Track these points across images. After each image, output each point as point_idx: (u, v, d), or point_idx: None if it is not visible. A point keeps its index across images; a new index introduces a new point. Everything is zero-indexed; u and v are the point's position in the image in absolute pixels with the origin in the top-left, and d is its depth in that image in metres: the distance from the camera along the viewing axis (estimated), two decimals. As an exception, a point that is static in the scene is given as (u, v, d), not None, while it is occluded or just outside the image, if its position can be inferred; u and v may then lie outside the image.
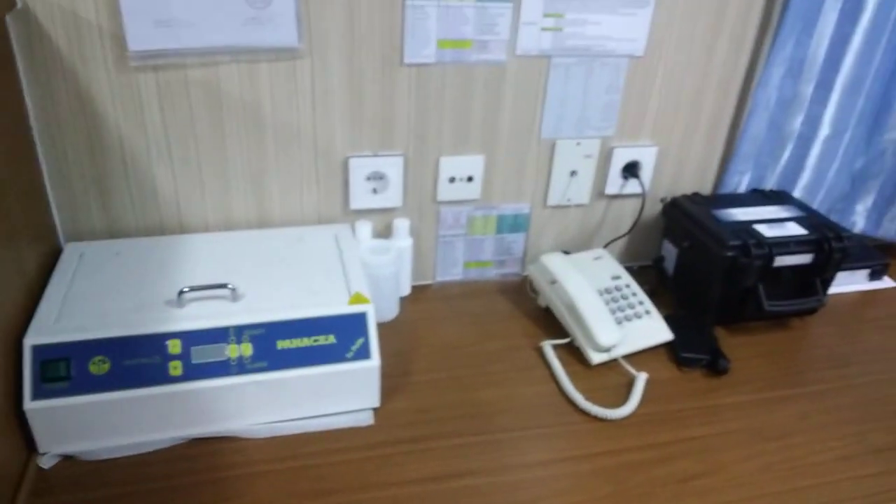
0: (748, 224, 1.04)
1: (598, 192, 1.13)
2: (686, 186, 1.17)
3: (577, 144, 1.07)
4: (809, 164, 1.17)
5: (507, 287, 1.14)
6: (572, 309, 0.99)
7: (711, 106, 1.10)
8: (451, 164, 1.03)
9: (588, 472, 0.80)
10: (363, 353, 0.83)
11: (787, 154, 1.16)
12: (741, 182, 1.17)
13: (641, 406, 0.91)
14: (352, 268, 0.92)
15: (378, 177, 1.01)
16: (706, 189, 1.19)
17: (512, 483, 0.78)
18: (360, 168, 1.00)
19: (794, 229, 1.04)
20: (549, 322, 1.04)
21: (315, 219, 1.02)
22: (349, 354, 0.82)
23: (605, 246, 1.15)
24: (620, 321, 1.01)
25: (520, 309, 1.09)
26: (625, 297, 1.04)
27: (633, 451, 0.84)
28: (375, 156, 1.00)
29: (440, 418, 0.87)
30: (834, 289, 1.20)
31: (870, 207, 1.30)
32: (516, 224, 1.12)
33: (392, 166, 1.01)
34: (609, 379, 0.95)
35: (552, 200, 1.11)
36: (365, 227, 1.02)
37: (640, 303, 1.04)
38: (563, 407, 0.90)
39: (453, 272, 1.14)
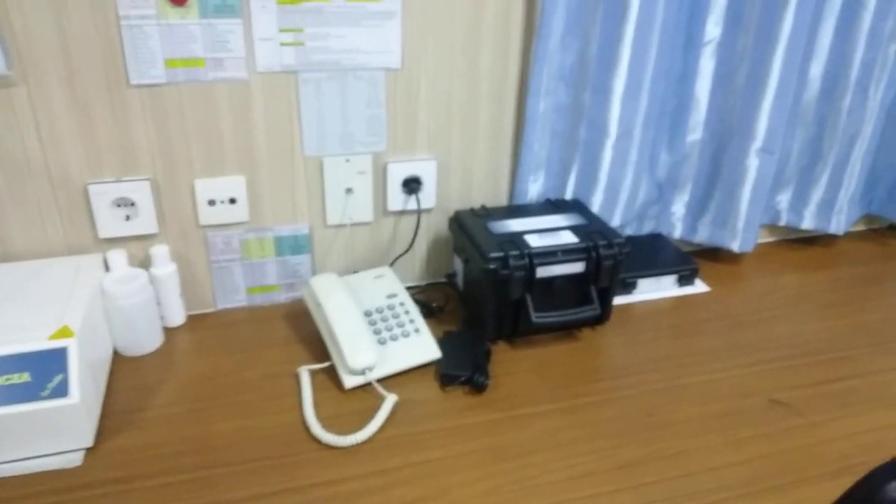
0: (519, 235, 1.01)
1: (382, 209, 1.10)
2: (479, 198, 1.14)
3: (346, 161, 1.04)
4: (603, 172, 1.14)
5: (294, 311, 1.10)
6: (330, 331, 0.95)
7: (488, 116, 1.08)
8: (208, 187, 1.00)
9: (294, 505, 0.76)
10: (61, 391, 0.78)
11: (577, 162, 1.14)
12: (533, 192, 1.14)
13: (386, 429, 0.86)
14: (77, 300, 0.87)
15: (128, 203, 0.97)
16: (502, 200, 1.16)
17: (205, 522, 0.74)
18: (103, 195, 0.96)
19: (567, 238, 1.01)
20: (323, 347, 1.00)
21: (64, 250, 0.98)
22: (44, 392, 0.78)
23: (392, 264, 1.12)
24: (385, 341, 0.97)
25: (298, 334, 1.05)
26: (396, 317, 1.00)
27: (356, 480, 0.79)
28: (119, 181, 0.96)
29: (161, 455, 0.82)
30: (641, 296, 1.18)
31: (684, 213, 1.28)
32: (297, 245, 1.08)
33: (139, 191, 0.97)
34: (363, 403, 0.91)
35: (332, 219, 1.08)
36: (118, 257, 0.97)
37: (411, 321, 1.00)
38: (299, 436, 0.86)
39: (236, 298, 1.10)
